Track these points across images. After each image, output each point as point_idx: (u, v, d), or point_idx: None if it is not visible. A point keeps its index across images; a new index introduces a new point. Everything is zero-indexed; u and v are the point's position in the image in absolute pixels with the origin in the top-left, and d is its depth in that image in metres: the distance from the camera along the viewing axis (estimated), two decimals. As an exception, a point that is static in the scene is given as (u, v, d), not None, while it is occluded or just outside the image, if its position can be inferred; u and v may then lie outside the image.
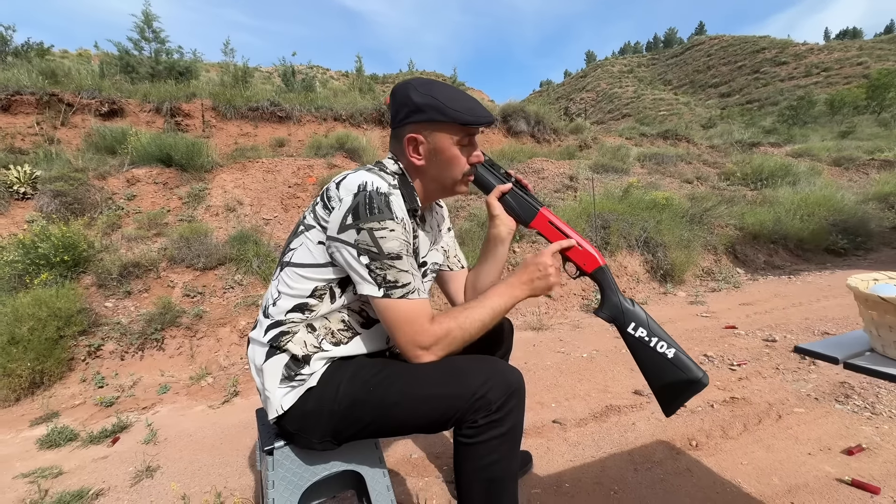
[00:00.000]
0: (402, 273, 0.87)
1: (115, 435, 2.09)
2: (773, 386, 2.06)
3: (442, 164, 0.97)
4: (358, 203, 0.87)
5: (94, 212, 4.47)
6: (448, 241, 1.24)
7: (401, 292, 0.87)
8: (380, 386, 0.89)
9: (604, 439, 1.72)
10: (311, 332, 0.96)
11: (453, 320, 0.90)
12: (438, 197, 1.08)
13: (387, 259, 0.86)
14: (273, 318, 0.97)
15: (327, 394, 0.91)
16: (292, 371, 0.93)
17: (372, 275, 0.87)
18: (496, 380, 0.85)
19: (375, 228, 0.85)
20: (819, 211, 5.46)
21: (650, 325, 1.00)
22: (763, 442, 1.61)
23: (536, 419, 1.93)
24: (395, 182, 0.97)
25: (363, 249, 0.86)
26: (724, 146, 11.67)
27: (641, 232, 4.48)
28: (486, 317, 0.92)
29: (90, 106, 6.89)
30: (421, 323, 0.87)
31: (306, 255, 0.95)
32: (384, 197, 0.88)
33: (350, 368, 0.93)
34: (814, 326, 2.79)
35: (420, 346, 0.88)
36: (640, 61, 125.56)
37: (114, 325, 3.06)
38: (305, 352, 0.94)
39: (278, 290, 0.98)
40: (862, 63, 65.66)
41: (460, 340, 0.90)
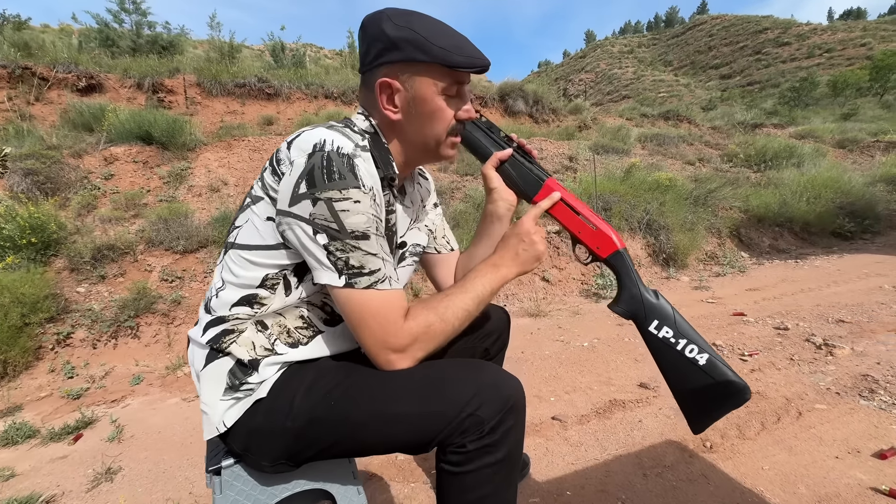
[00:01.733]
0: (370, 257, 0.69)
1: (78, 432, 1.92)
2: (789, 378, 1.91)
3: (423, 119, 0.78)
4: (313, 166, 0.67)
5: (68, 191, 4.23)
6: (434, 220, 1.05)
7: (367, 281, 0.69)
8: (343, 400, 0.71)
9: (608, 439, 1.57)
10: (261, 332, 0.78)
11: (433, 312, 0.74)
12: (420, 162, 0.89)
13: (350, 239, 0.68)
14: (215, 313, 0.79)
15: (279, 408, 0.73)
16: (237, 379, 0.75)
17: (331, 258, 0.68)
18: (489, 393, 0.67)
19: (335, 199, 0.66)
20: (826, 193, 5.28)
21: (678, 322, 0.83)
22: (784, 443, 1.46)
23: (534, 415, 1.78)
24: (365, 143, 0.77)
25: (320, 226, 0.67)
26: (726, 127, 11.41)
27: (644, 214, 4.30)
28: (471, 304, 0.77)
29: (67, 80, 6.54)
30: (393, 319, 0.70)
31: (253, 234, 0.75)
32: (347, 159, 0.68)
33: (308, 376, 0.75)
34: (827, 314, 2.65)
35: (392, 349, 0.70)
36: (640, 41, 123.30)
37: (85, 311, 2.87)
38: (253, 355, 0.76)
39: (222, 279, 0.80)
40: (865, 44, 64.68)
41: (442, 336, 0.75)
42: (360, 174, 0.69)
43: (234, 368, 0.76)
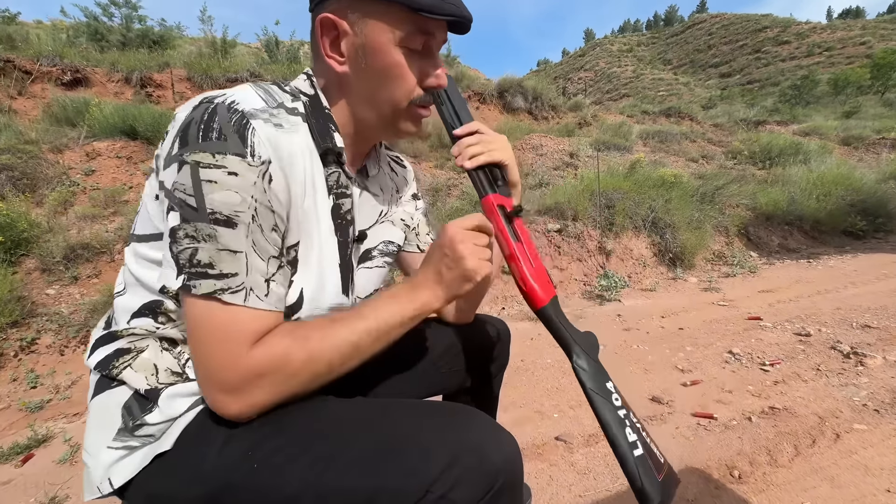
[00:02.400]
0: (226, 254, 0.50)
1: (30, 451, 1.73)
2: (818, 392, 1.73)
3: (374, 75, 0.59)
4: (191, 121, 0.50)
5: (45, 188, 4.03)
6: (413, 213, 0.85)
7: (210, 286, 0.50)
8: (270, 462, 0.51)
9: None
10: (167, 350, 0.59)
11: (298, 339, 0.53)
12: (376, 137, 0.69)
13: (206, 222, 0.49)
14: (108, 324, 0.61)
15: (187, 466, 0.53)
16: (133, 419, 0.56)
17: (175, 247, 0.50)
18: (469, 463, 0.47)
19: (203, 164, 0.49)
20: (836, 190, 5.10)
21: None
22: (824, 472, 1.27)
23: (536, 434, 1.59)
24: (296, 105, 0.60)
25: (176, 200, 0.50)
26: (728, 125, 11.22)
27: (649, 212, 4.11)
28: (364, 336, 0.55)
29: (51, 74, 6.33)
30: (231, 344, 0.50)
31: (145, 219, 0.57)
32: (239, 116, 0.51)
33: (228, 425, 0.54)
34: (850, 318, 2.46)
35: (219, 386, 0.51)
36: (639, 40, 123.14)
37: (52, 315, 2.67)
38: (154, 384, 0.57)
39: (123, 281, 0.61)
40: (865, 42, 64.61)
41: (305, 376, 0.53)
42: (251, 139, 0.51)
43: (129, 402, 0.57)
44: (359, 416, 0.54)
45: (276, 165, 0.53)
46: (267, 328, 0.53)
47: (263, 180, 0.52)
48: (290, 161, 0.55)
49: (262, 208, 0.52)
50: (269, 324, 0.53)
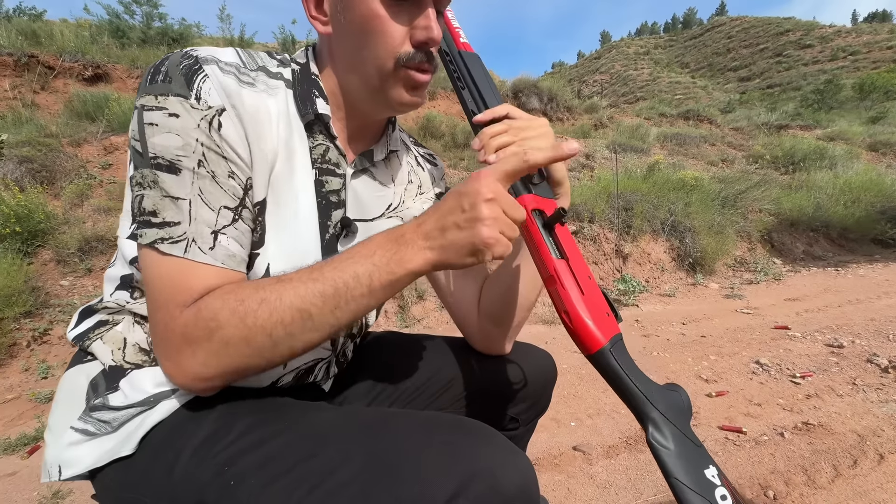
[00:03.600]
0: (168, 202, 0.46)
1: (36, 443, 1.71)
2: (856, 408, 1.62)
3: (355, 33, 0.52)
4: (147, 71, 0.48)
5: (63, 180, 4.08)
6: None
7: (153, 235, 0.46)
8: (248, 479, 0.43)
9: (643, 479, 1.30)
10: (139, 324, 0.54)
11: (233, 301, 0.45)
12: (371, 110, 0.60)
13: (149, 167, 0.46)
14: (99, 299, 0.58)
15: (153, 477, 0.47)
16: (97, 396, 0.51)
17: (130, 195, 0.49)
18: (477, 492, 0.39)
19: (147, 107, 0.46)
20: (865, 196, 4.91)
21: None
22: (869, 496, 1.17)
23: (553, 444, 1.51)
24: (283, 72, 0.56)
25: (131, 147, 0.49)
26: (748, 128, 10.95)
27: (668, 215, 3.99)
28: (317, 299, 0.45)
29: (73, 70, 6.45)
30: (170, 303, 0.46)
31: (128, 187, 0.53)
32: (191, 62, 0.48)
33: (204, 425, 0.49)
34: (885, 330, 2.33)
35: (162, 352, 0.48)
36: (656, 42, 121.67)
37: (65, 306, 2.68)
38: (118, 360, 0.53)
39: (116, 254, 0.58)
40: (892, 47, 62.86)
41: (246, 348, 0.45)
42: (199, 83, 0.46)
43: (97, 379, 0.53)
44: (354, 431, 0.46)
45: (230, 115, 0.48)
46: (210, 287, 0.47)
47: (211, 126, 0.47)
48: (253, 117, 0.50)
49: (212, 154, 0.47)
50: (214, 282, 0.47)
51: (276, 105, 0.53)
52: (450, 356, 0.77)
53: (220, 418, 0.50)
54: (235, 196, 0.50)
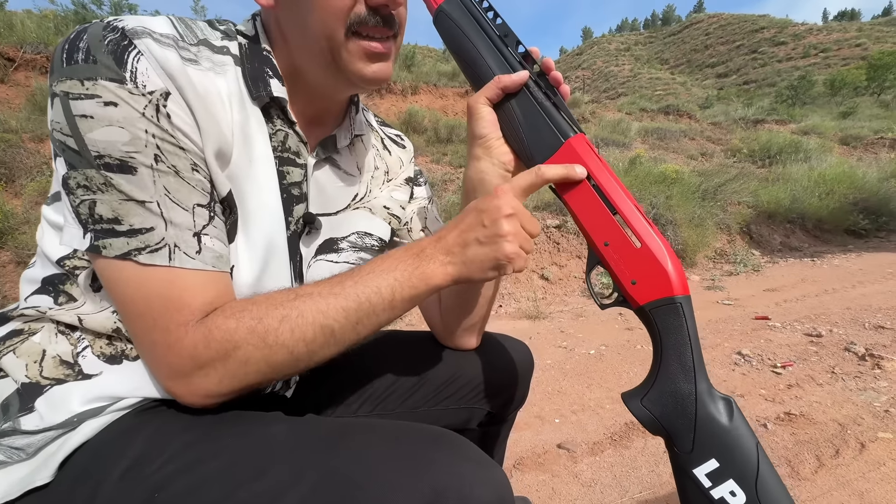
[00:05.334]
0: (131, 206, 0.40)
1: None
2: (836, 397, 1.62)
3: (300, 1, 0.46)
4: (57, 48, 0.40)
5: (24, 178, 3.88)
6: (403, 202, 0.71)
7: (123, 246, 0.40)
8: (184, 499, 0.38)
9: (628, 476, 1.27)
10: (63, 335, 0.47)
11: (249, 319, 0.42)
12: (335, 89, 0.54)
13: (96, 169, 0.39)
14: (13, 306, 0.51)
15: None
16: (7, 419, 0.44)
17: (72, 198, 0.41)
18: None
19: (73, 95, 0.39)
20: (839, 188, 5.03)
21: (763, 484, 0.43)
22: (852, 486, 1.16)
23: (537, 442, 1.47)
24: (230, 46, 0.49)
25: (57, 142, 0.41)
26: (726, 123, 11.17)
27: (650, 208, 4.01)
28: (339, 315, 0.44)
29: (35, 62, 6.14)
30: (167, 322, 0.41)
31: (55, 175, 0.45)
32: (118, 35, 0.40)
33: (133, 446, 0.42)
34: (861, 318, 2.37)
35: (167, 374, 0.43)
36: (637, 39, 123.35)
37: (24, 311, 2.54)
38: (34, 376, 0.45)
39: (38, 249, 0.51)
40: (860, 45, 65.03)
41: (266, 366, 0.43)
42: (133, 62, 0.39)
43: (9, 399, 0.45)
44: (308, 446, 0.41)
45: (176, 99, 0.42)
46: (208, 294, 0.42)
47: (158, 112, 0.40)
48: (201, 101, 0.43)
49: (167, 145, 0.41)
50: (211, 290, 0.43)
51: (227, 85, 0.46)
52: (419, 352, 0.72)
53: (153, 436, 0.43)
54: (204, 191, 0.45)
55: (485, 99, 0.56)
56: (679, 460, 0.47)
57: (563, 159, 0.53)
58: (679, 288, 0.49)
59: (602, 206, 0.52)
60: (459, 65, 0.59)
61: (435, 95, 7.95)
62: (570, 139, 0.53)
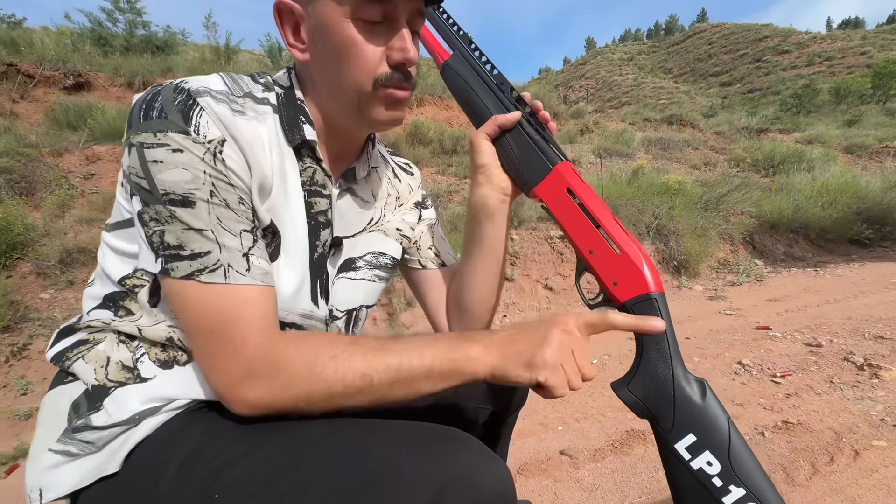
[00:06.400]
0: (192, 234, 0.47)
1: (15, 462, 1.68)
2: (833, 406, 1.66)
3: (331, 57, 0.54)
4: (135, 104, 0.49)
5: (44, 191, 4.01)
6: (413, 224, 0.78)
7: (187, 268, 0.47)
8: (233, 493, 0.44)
9: (628, 482, 1.32)
10: (123, 343, 0.54)
11: (305, 352, 0.49)
12: (354, 131, 0.63)
13: (164, 204, 0.47)
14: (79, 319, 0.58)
15: (138, 493, 0.48)
16: (79, 417, 0.51)
17: (147, 232, 0.48)
18: (456, 497, 0.41)
19: (147, 144, 0.46)
20: (842, 198, 5.05)
21: (735, 453, 0.49)
22: (844, 492, 1.21)
23: (540, 448, 1.53)
24: (269, 97, 0.57)
25: (134, 183, 0.48)
26: (730, 132, 11.21)
27: (653, 219, 4.06)
28: (382, 371, 0.49)
29: (54, 78, 6.34)
30: (226, 334, 0.47)
31: (117, 207, 0.55)
32: (185, 95, 0.48)
33: (186, 443, 0.49)
34: (861, 328, 2.40)
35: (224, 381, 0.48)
36: (640, 49, 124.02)
37: (45, 320, 2.62)
38: (101, 379, 0.52)
39: (95, 272, 0.59)
40: (865, 52, 64.96)
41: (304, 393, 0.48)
42: (196, 118, 0.47)
43: (79, 400, 0.52)
44: (336, 443, 0.48)
45: (230, 145, 0.49)
46: (259, 306, 0.49)
47: (215, 158, 0.48)
48: (250, 146, 0.51)
49: (221, 183, 0.48)
50: (260, 302, 0.50)
51: (268, 132, 0.54)
52: None
53: (206, 433, 0.50)
54: (248, 219, 0.52)
55: (485, 135, 0.64)
56: (662, 438, 0.53)
57: (552, 183, 0.62)
58: (654, 286, 0.56)
59: (587, 221, 0.60)
60: (463, 108, 0.67)
61: (440, 107, 8.08)
62: (557, 166, 0.62)
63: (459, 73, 0.66)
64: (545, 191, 0.63)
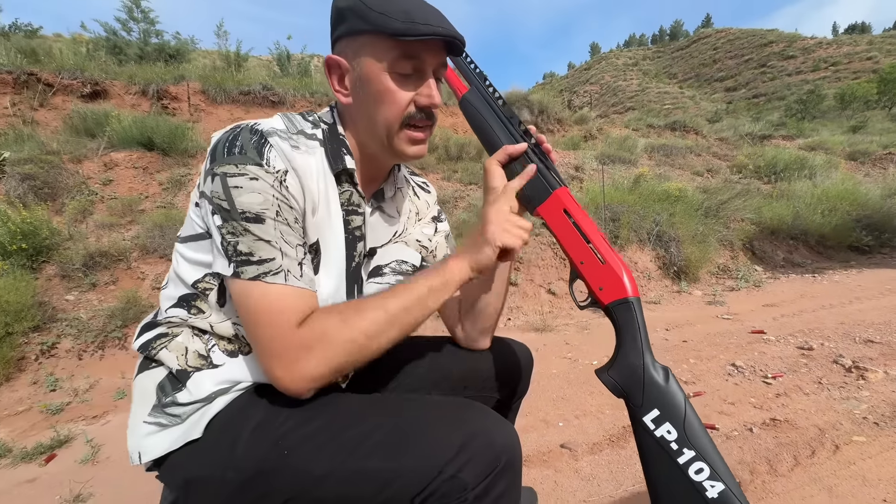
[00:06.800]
0: (261, 244, 0.59)
1: (52, 451, 1.80)
2: (820, 405, 1.76)
3: (370, 102, 0.66)
4: (219, 142, 0.62)
5: (65, 197, 4.17)
6: (432, 236, 0.91)
7: (255, 270, 0.59)
8: (299, 448, 0.58)
9: (623, 472, 1.42)
10: (197, 336, 0.68)
11: (335, 314, 0.61)
12: (387, 160, 0.76)
13: (239, 220, 0.59)
14: (157, 315, 0.71)
15: (219, 454, 0.60)
16: (165, 395, 0.64)
17: (224, 242, 0.60)
18: (476, 446, 0.54)
19: (230, 174, 0.59)
20: (841, 205, 5.13)
21: (689, 423, 0.61)
22: (822, 482, 1.30)
23: (542, 442, 1.63)
24: (315, 132, 0.69)
25: (216, 205, 0.60)
26: (733, 139, 11.27)
27: (654, 225, 4.16)
28: (395, 306, 0.62)
29: (72, 87, 6.54)
30: (280, 321, 0.58)
31: (188, 223, 0.67)
32: (258, 136, 0.61)
33: (256, 413, 0.62)
34: (853, 333, 2.49)
35: (277, 359, 0.58)
36: (645, 54, 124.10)
37: (72, 320, 2.76)
38: (184, 364, 0.65)
39: (168, 277, 0.72)
40: (871, 58, 64.69)
41: (348, 348, 0.60)
42: (267, 153, 0.60)
43: (164, 382, 0.65)
44: (379, 409, 0.61)
45: (291, 175, 0.62)
46: (307, 305, 0.61)
47: (281, 185, 0.60)
48: (304, 175, 0.64)
49: (283, 205, 0.61)
50: (308, 301, 0.61)
51: (316, 163, 0.67)
52: (443, 353, 0.91)
53: (270, 406, 0.63)
54: (301, 237, 0.64)
55: (496, 161, 0.76)
56: (634, 413, 0.65)
57: (552, 204, 0.74)
58: (631, 292, 0.68)
59: (579, 237, 0.72)
60: (477, 135, 0.79)
61: (445, 113, 8.23)
62: (557, 190, 0.74)
63: (475, 106, 0.78)
64: (546, 210, 0.75)
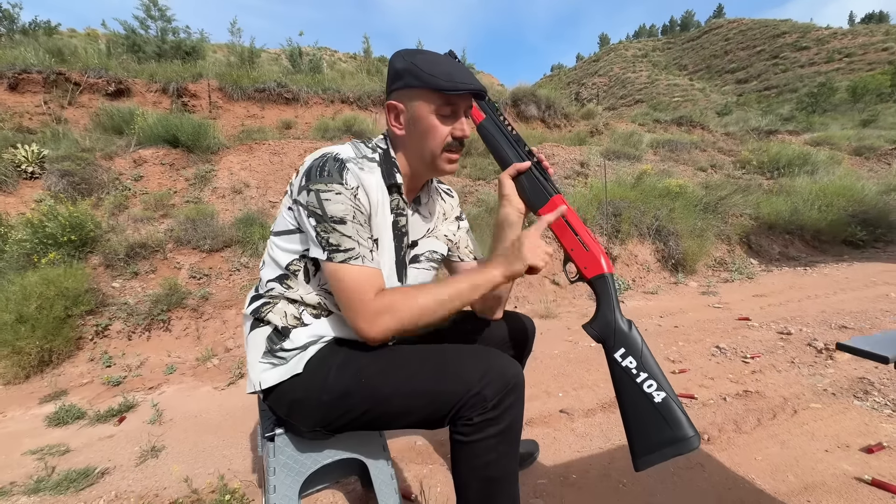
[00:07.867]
0: (345, 238, 0.85)
1: (122, 414, 2.10)
2: (789, 380, 2.00)
3: (420, 135, 0.92)
4: (312, 166, 0.87)
5: (101, 192, 4.47)
6: (457, 232, 1.17)
7: (342, 256, 0.84)
8: (373, 378, 0.85)
9: (612, 430, 1.68)
10: (291, 304, 0.95)
11: (400, 293, 0.87)
12: (427, 175, 1.01)
13: (330, 222, 0.84)
14: (258, 289, 0.99)
15: (315, 383, 0.88)
16: (274, 344, 0.92)
17: (319, 237, 0.85)
18: (493, 374, 0.80)
19: (322, 191, 0.84)
20: (838, 201, 5.30)
21: (643, 356, 0.88)
22: (778, 437, 1.56)
23: (543, 408, 1.90)
24: (375, 156, 0.95)
25: (311, 211, 0.85)
26: (740, 133, 11.35)
27: (654, 220, 4.38)
28: (444, 294, 0.86)
29: (97, 85, 6.83)
30: (362, 291, 0.84)
31: (282, 221, 0.94)
32: (340, 164, 0.86)
33: (339, 356, 0.90)
34: (830, 320, 2.72)
35: (361, 318, 0.83)
36: (654, 45, 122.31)
37: (121, 305, 3.07)
38: (286, 323, 0.93)
39: (264, 260, 0.99)
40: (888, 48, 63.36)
41: (408, 316, 0.84)
42: (346, 176, 0.86)
43: (271, 335, 0.93)
44: (426, 353, 0.89)
45: (361, 190, 0.87)
46: (378, 280, 0.87)
47: (355, 197, 0.86)
48: (369, 189, 0.89)
49: (358, 212, 0.87)
50: (378, 278, 0.87)
51: (376, 180, 0.92)
52: (466, 323, 1.18)
53: (349, 351, 0.91)
54: (369, 233, 0.90)
55: (507, 175, 1.02)
56: (608, 351, 0.91)
57: (550, 207, 1.00)
58: (607, 269, 0.95)
59: (570, 231, 0.98)
60: (492, 154, 1.05)
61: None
62: (553, 197, 1.00)
63: (490, 131, 1.04)
64: (546, 212, 1.00)
